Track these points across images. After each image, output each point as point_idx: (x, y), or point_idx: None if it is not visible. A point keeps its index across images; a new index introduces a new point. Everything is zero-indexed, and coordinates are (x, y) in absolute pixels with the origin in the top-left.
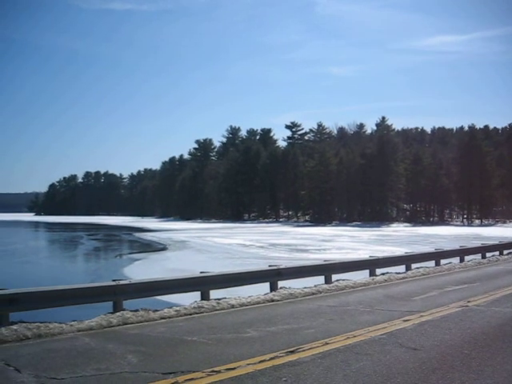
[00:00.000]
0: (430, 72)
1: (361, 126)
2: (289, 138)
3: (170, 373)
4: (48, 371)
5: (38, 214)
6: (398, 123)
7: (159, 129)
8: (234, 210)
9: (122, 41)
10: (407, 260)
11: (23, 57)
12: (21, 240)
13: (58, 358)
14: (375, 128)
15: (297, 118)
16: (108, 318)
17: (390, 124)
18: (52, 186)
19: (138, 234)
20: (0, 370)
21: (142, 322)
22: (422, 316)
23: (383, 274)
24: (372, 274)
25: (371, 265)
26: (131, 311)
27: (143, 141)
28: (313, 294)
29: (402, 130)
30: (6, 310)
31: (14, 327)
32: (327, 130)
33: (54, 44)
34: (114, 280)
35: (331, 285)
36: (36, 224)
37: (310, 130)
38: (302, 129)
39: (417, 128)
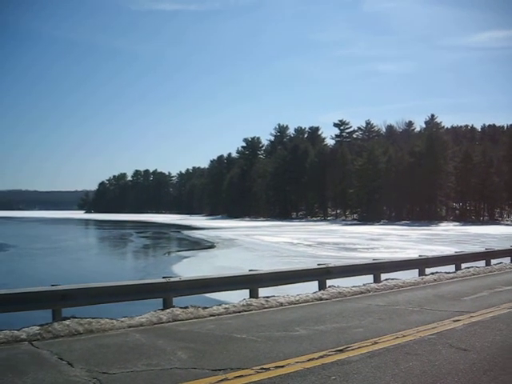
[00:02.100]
0: (479, 68)
1: (410, 123)
2: (337, 136)
3: (220, 369)
4: (100, 366)
5: (87, 211)
6: (447, 121)
7: (208, 127)
8: (282, 209)
9: (169, 40)
10: (457, 260)
11: (77, 58)
12: (71, 237)
13: (110, 354)
14: (424, 126)
15: (345, 115)
16: (158, 314)
17: (439, 121)
18: (102, 184)
19: (186, 232)
20: (53, 364)
21: (191, 318)
22: (472, 316)
23: (432, 273)
24: (421, 273)
25: (420, 264)
26: (181, 308)
27: (192, 139)
28: (361, 292)
29: (452, 127)
30: (59, 305)
31: (67, 322)
32: (376, 128)
33: (109, 45)
34: (164, 277)
35: (380, 284)
36: (86, 222)
37: (359, 128)
38: (351, 127)
39: (466, 125)
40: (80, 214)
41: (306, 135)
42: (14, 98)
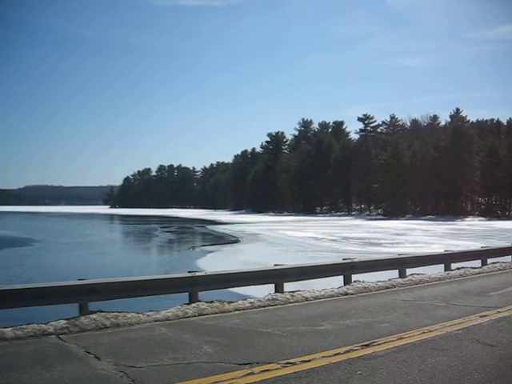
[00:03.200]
0: (504, 61)
1: (434, 117)
2: (361, 130)
3: (246, 364)
4: (127, 359)
5: (112, 206)
6: (472, 114)
7: (232, 122)
8: (306, 203)
9: (190, 35)
10: (483, 255)
11: (100, 54)
12: (96, 232)
13: (136, 347)
14: (449, 120)
15: (369, 110)
16: (184, 308)
17: (464, 115)
18: (126, 179)
19: (210, 227)
20: (80, 358)
21: (216, 313)
22: (499, 312)
23: (458, 268)
24: (447, 268)
25: (446, 259)
26: (206, 302)
27: (216, 134)
28: (387, 287)
29: (477, 121)
30: (86, 299)
31: (93, 316)
32: (400, 122)
33: (133, 41)
34: (189, 271)
35: (405, 279)
36: (111, 216)
37: (383, 123)
38: (375, 121)
39: (492, 119)
40: (105, 209)
41: (330, 130)
42: (41, 96)
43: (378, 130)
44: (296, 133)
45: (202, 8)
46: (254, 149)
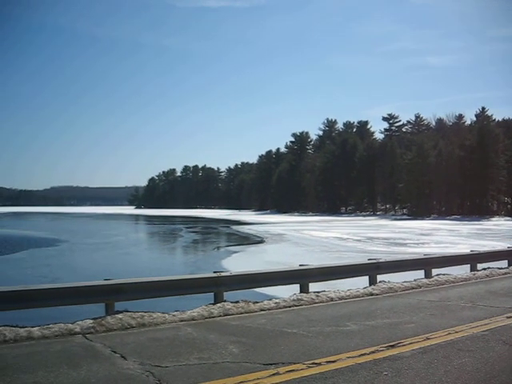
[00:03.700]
0: None
1: (460, 116)
2: (386, 130)
3: (271, 364)
4: (152, 359)
5: (138, 207)
6: (498, 113)
7: (256, 122)
8: (331, 203)
9: (214, 35)
10: (510, 255)
11: (125, 56)
12: (122, 232)
13: (162, 347)
14: (475, 119)
15: (394, 109)
16: (209, 308)
17: (490, 114)
18: (151, 179)
19: (235, 227)
20: (107, 357)
21: (242, 313)
22: None
23: (484, 268)
24: (473, 268)
25: (472, 259)
26: (231, 303)
27: (240, 134)
28: (412, 288)
29: (503, 120)
30: (112, 299)
31: (119, 316)
32: (425, 122)
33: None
34: (215, 272)
35: (431, 279)
36: (136, 217)
37: (408, 122)
38: (400, 120)
39: None
40: (130, 210)
41: (354, 129)
42: (71, 96)
43: (403, 130)
44: (320, 133)
45: (224, 9)
46: (278, 149)
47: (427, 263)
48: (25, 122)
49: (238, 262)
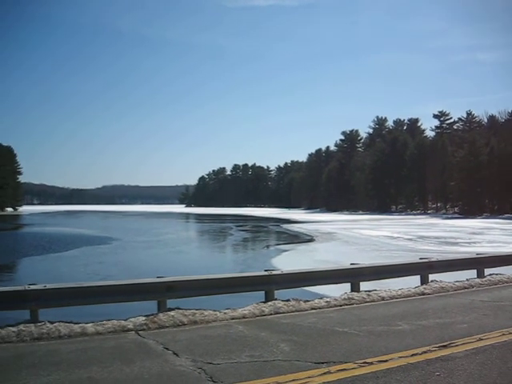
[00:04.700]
0: None
1: None
2: (437, 127)
3: (322, 362)
4: (204, 356)
5: (188, 205)
6: None
7: (306, 121)
8: (381, 202)
9: (264, 35)
10: None
11: (177, 55)
12: (173, 231)
13: (213, 344)
14: None
15: (444, 106)
16: (260, 306)
17: None
18: (202, 178)
19: (285, 226)
20: (159, 354)
21: (292, 311)
22: None
23: None
24: None
25: None
26: (282, 301)
27: (290, 133)
28: (465, 288)
29: None
30: (164, 296)
31: (171, 313)
32: (477, 119)
33: (204, 42)
34: (266, 270)
35: (484, 279)
36: (186, 215)
37: (459, 119)
38: (451, 118)
39: None
40: (180, 208)
41: (404, 127)
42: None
43: (454, 127)
44: (370, 131)
45: (274, 7)
46: (328, 147)
47: (479, 262)
48: (82, 123)
49: (288, 260)
